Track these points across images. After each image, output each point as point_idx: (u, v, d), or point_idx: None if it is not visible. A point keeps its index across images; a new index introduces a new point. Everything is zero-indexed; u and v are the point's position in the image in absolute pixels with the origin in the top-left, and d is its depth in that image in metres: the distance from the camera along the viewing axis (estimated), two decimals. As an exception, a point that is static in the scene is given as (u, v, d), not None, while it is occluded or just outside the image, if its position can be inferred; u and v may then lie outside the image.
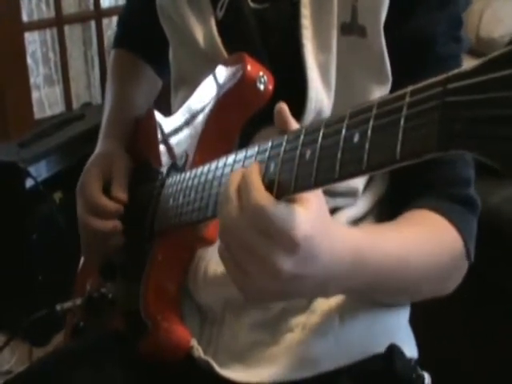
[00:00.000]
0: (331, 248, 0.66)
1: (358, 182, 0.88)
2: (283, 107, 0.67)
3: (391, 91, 0.84)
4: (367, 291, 0.80)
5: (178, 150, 0.94)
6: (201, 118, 0.90)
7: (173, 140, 0.97)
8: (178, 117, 0.97)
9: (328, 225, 0.67)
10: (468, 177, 0.88)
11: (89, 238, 0.99)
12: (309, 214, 0.62)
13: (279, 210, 0.61)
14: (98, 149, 1.06)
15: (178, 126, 0.96)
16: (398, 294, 0.87)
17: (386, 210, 0.91)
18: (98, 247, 0.99)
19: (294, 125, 0.67)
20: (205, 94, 0.90)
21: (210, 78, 0.90)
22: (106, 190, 0.99)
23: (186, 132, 0.94)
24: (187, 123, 0.94)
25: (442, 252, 0.83)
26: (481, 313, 1.66)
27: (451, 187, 0.86)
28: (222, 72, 0.87)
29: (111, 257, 0.99)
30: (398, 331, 0.92)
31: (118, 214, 0.96)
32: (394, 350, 0.86)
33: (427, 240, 0.82)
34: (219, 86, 0.87)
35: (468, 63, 0.47)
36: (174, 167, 0.92)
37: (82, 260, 1.12)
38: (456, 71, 0.47)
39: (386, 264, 0.76)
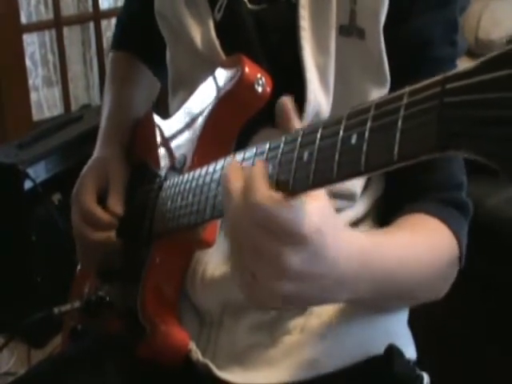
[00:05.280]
0: (339, 247, 0.64)
1: (356, 185, 0.88)
2: (287, 103, 0.65)
3: (389, 93, 0.84)
4: (370, 297, 0.77)
5: (176, 153, 0.94)
6: (199, 120, 0.89)
7: (171, 142, 0.97)
8: (176, 119, 0.96)
9: (335, 223, 0.65)
10: (460, 181, 0.88)
11: (83, 245, 0.99)
12: (316, 208, 0.61)
13: (286, 204, 0.60)
14: (96, 153, 1.05)
15: (176, 128, 0.96)
16: (398, 300, 0.86)
17: (384, 212, 0.91)
18: (93, 254, 0.99)
19: (297, 123, 0.64)
20: (203, 96, 0.90)
21: (208, 79, 0.89)
22: (103, 198, 0.98)
23: (184, 134, 0.93)
24: (185, 125, 0.93)
25: (440, 256, 0.83)
26: (481, 313, 1.66)
27: (444, 191, 0.87)
28: (220, 74, 0.87)
29: (109, 260, 0.98)
30: (396, 332, 0.92)
31: (112, 227, 0.95)
32: (392, 351, 0.86)
33: (426, 244, 0.81)
34: (217, 88, 0.87)
35: (466, 65, 0.47)
36: (173, 169, 0.92)
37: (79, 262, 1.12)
38: (454, 71, 0.46)
39: (388, 268, 0.75)
